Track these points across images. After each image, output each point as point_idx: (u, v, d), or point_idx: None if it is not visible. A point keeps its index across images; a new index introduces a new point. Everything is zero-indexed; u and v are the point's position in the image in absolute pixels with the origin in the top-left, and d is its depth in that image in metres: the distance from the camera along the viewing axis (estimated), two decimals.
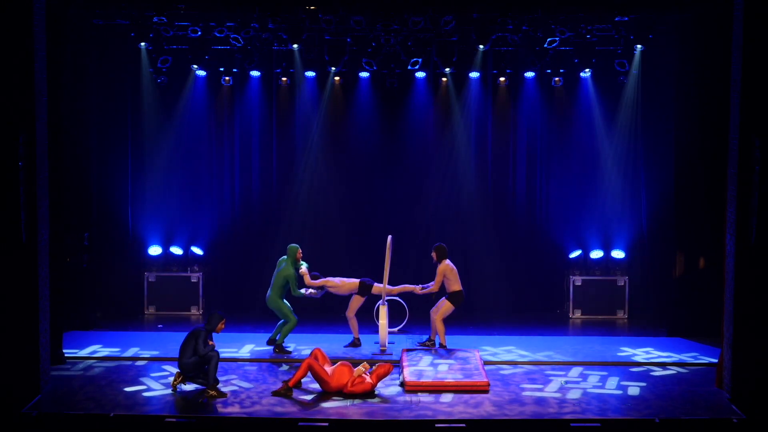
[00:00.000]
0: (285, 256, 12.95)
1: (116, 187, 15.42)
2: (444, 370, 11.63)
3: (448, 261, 13.06)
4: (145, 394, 10.96)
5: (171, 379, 11.29)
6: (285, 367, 12.19)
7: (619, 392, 11.11)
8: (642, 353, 13.00)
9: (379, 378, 11.00)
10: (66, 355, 12.44)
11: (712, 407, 10.54)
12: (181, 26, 14.93)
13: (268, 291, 12.88)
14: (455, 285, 13.02)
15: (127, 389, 11.09)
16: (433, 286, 13.11)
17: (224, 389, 10.99)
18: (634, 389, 11.23)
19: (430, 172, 16.41)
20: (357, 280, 13.11)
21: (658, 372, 12.13)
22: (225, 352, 12.53)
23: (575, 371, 12.05)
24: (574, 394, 10.97)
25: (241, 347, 13.09)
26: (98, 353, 12.72)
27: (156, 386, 11.24)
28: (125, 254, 15.61)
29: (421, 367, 11.77)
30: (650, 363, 12.50)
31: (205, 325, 11.15)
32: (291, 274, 12.73)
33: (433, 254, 13.12)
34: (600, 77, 15.95)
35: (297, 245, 12.97)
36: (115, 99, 15.29)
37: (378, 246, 13.74)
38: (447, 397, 10.81)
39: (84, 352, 12.75)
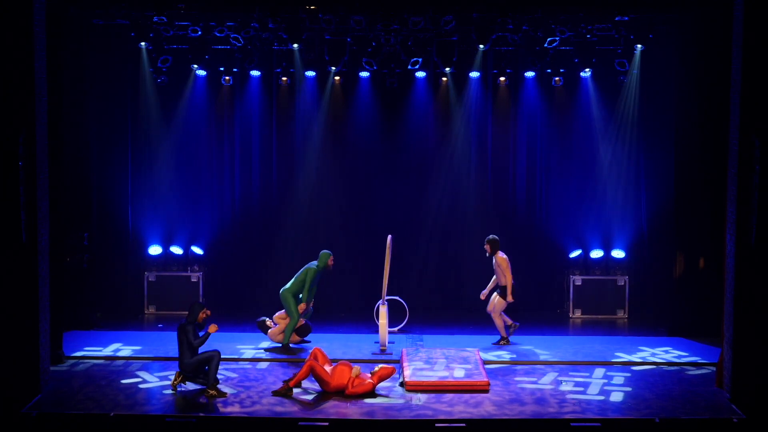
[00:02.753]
0: (315, 262, 13.11)
1: (116, 187, 15.42)
2: (444, 370, 11.63)
3: (502, 252, 13.33)
4: (145, 393, 10.96)
5: (171, 379, 11.29)
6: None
7: (619, 391, 11.10)
8: (642, 353, 12.99)
9: (381, 379, 11.01)
10: (73, 354, 12.47)
11: (712, 407, 10.54)
12: (181, 26, 14.92)
13: (287, 284, 13.07)
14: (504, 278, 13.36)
15: (127, 389, 11.10)
16: (505, 281, 13.32)
17: (224, 389, 11.00)
18: (633, 388, 11.23)
19: (430, 171, 16.40)
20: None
21: (658, 371, 12.13)
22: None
23: (575, 371, 12.05)
24: (574, 394, 10.98)
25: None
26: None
27: (156, 386, 11.24)
28: (125, 254, 15.61)
29: (421, 367, 11.77)
30: (650, 362, 12.50)
31: (186, 318, 11.15)
32: (312, 270, 12.94)
33: (486, 246, 13.42)
34: (600, 77, 15.93)
35: (329, 252, 13.20)
36: (115, 99, 15.29)
37: (378, 245, 13.75)
38: (447, 397, 10.81)
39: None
